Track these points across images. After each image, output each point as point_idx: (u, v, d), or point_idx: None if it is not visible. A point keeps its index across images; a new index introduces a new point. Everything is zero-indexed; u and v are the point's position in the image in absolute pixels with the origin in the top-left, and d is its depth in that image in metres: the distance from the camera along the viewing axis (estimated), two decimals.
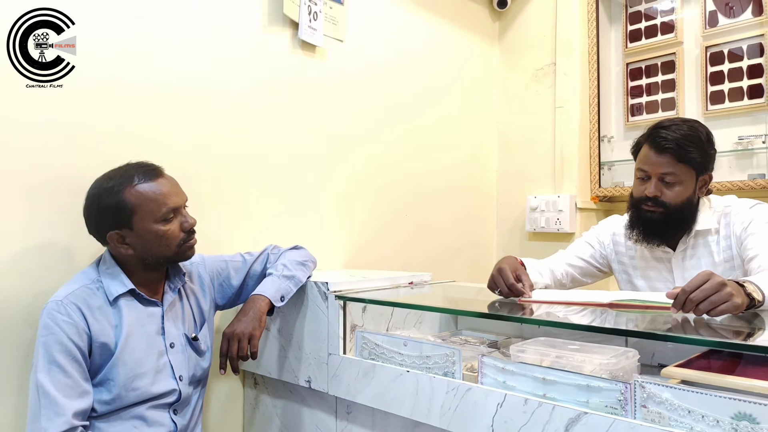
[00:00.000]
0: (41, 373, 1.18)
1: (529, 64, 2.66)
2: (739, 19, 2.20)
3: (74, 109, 1.45)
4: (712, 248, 1.50)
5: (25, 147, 1.38)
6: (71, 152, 1.44)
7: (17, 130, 1.37)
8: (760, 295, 1.15)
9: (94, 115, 1.48)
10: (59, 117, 1.43)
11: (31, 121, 1.39)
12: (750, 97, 2.17)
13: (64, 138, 1.43)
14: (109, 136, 1.50)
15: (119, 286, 1.30)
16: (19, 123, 1.37)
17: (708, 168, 1.49)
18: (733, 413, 0.88)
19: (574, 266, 1.70)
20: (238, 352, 1.36)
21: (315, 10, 1.96)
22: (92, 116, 1.48)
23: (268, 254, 1.58)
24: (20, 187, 1.37)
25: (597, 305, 1.35)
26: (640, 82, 2.49)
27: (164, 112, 1.61)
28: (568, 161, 2.52)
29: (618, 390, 1.00)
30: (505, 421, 1.11)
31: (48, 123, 1.41)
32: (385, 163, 2.26)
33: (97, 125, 1.48)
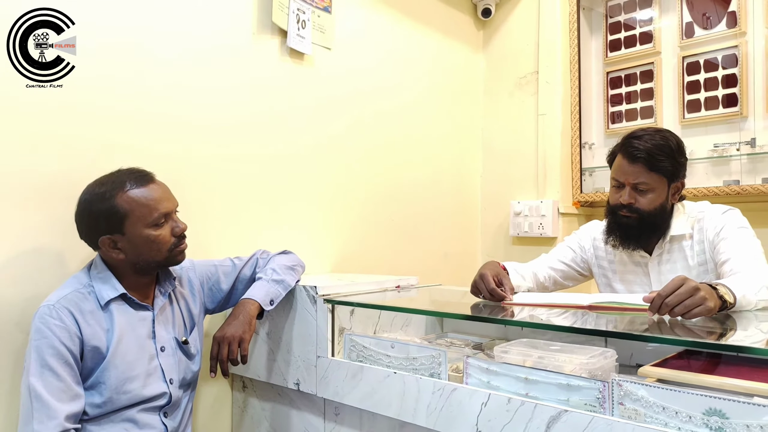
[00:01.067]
0: (33, 376, 1.19)
1: (513, 72, 2.72)
2: (715, 30, 2.27)
3: (63, 115, 1.46)
4: (686, 253, 1.56)
5: (18, 150, 1.39)
6: (63, 157, 1.45)
7: (13, 132, 1.38)
8: (731, 298, 1.21)
9: (84, 122, 1.49)
10: (50, 121, 1.44)
11: (23, 124, 1.40)
12: (725, 106, 2.25)
13: (55, 143, 1.45)
14: (100, 142, 1.51)
15: (110, 291, 1.31)
16: (15, 124, 1.39)
17: (679, 175, 1.54)
18: (704, 409, 0.93)
19: (556, 270, 1.75)
20: (228, 355, 1.38)
21: (303, 19, 1.99)
22: (82, 122, 1.49)
23: (257, 259, 1.60)
24: (12, 190, 1.38)
25: (577, 307, 1.39)
26: (619, 91, 2.55)
27: (154, 118, 1.63)
28: (550, 167, 2.58)
29: (597, 388, 1.04)
30: (489, 420, 1.15)
31: (40, 126, 1.42)
32: (372, 169, 2.29)
33: (87, 132, 1.50)
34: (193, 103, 1.72)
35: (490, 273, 1.48)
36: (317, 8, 2.05)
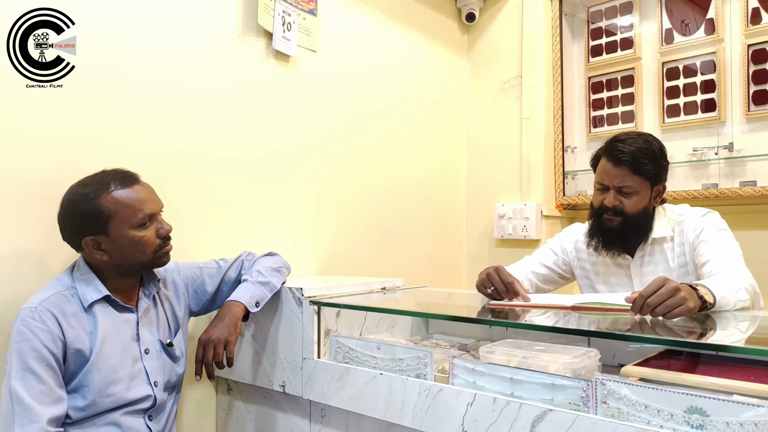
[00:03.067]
0: (15, 379, 1.17)
1: (497, 76, 2.75)
2: (694, 36, 2.32)
3: (48, 116, 1.45)
4: (667, 255, 1.59)
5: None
6: (45, 157, 1.44)
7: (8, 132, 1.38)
8: (711, 298, 1.23)
9: (69, 122, 1.48)
10: (32, 120, 1.42)
11: (7, 122, 1.38)
12: (704, 111, 2.29)
13: (36, 142, 1.43)
14: (83, 141, 1.50)
15: (94, 293, 1.30)
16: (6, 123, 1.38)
17: (661, 179, 1.57)
18: (685, 407, 0.95)
19: (538, 274, 1.76)
20: (214, 357, 1.38)
21: (289, 21, 1.99)
22: (67, 123, 1.48)
23: (242, 261, 1.60)
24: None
25: (561, 308, 1.41)
26: (601, 95, 2.59)
27: (137, 116, 1.62)
28: (534, 170, 2.61)
29: (580, 388, 1.06)
30: (475, 420, 1.16)
31: (21, 127, 1.41)
32: (356, 172, 2.30)
33: (71, 131, 1.48)
34: (178, 104, 1.71)
35: (503, 269, 1.51)
36: (303, 11, 2.05)
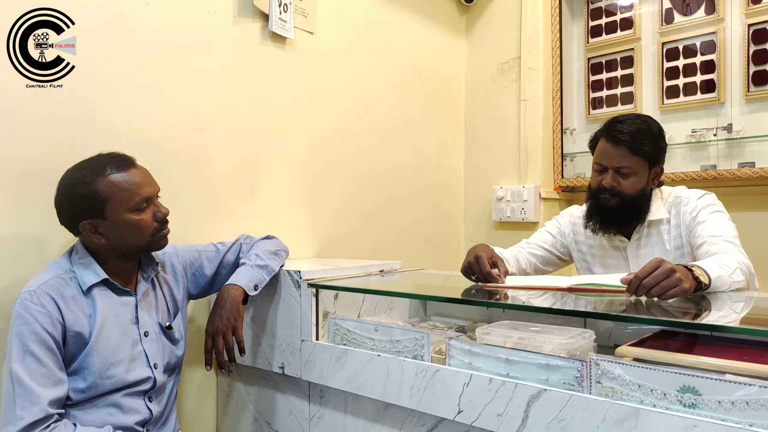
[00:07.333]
0: (16, 362, 1.18)
1: (496, 57, 2.73)
2: (694, 16, 2.30)
3: (45, 100, 1.44)
4: (664, 237, 1.59)
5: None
6: (41, 142, 1.44)
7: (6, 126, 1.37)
8: (706, 279, 1.24)
9: (65, 106, 1.48)
10: (29, 106, 1.42)
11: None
12: (703, 92, 2.28)
13: (34, 127, 1.43)
14: (78, 125, 1.50)
15: (92, 276, 1.31)
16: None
17: (659, 160, 1.57)
18: (678, 386, 0.96)
19: (536, 255, 1.77)
20: (225, 346, 1.40)
21: (285, 2, 1.97)
22: (62, 107, 1.47)
23: (240, 244, 1.60)
24: None
25: (557, 290, 1.42)
26: (600, 77, 2.58)
27: (135, 100, 1.61)
28: (532, 153, 2.60)
29: (575, 368, 1.07)
30: (471, 400, 1.17)
31: (18, 113, 1.40)
32: (354, 154, 2.29)
33: (67, 115, 1.48)
34: (173, 88, 1.70)
35: (485, 255, 1.49)
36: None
